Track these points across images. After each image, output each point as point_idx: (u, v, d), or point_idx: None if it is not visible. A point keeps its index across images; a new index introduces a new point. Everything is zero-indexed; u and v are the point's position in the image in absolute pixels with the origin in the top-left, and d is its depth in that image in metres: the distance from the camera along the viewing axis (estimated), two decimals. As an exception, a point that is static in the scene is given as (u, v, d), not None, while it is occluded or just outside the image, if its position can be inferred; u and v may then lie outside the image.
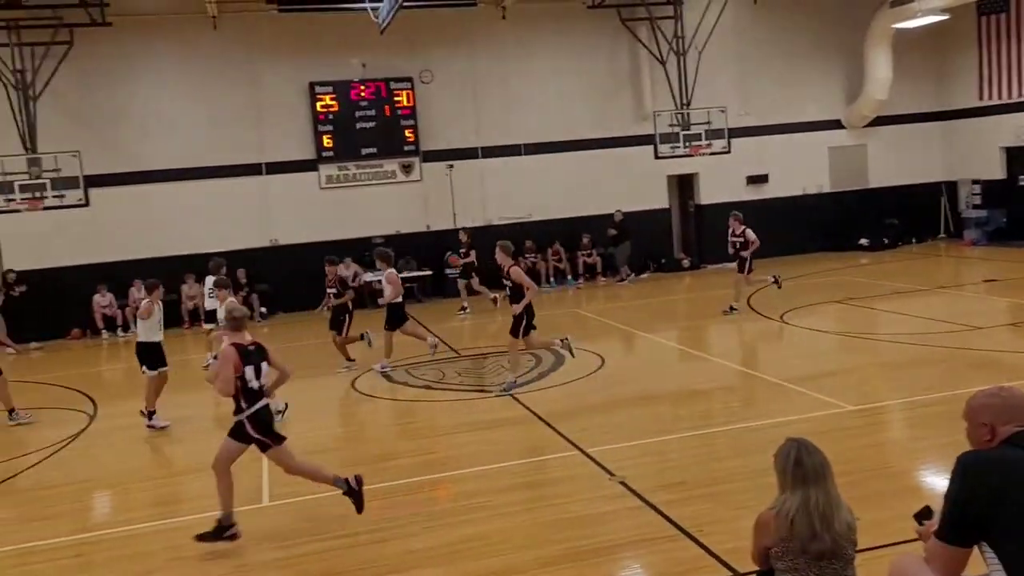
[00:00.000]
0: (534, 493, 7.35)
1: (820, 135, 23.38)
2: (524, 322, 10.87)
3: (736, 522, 6.07)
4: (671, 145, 21.95)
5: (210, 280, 14.27)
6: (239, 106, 19.94)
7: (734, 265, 15.82)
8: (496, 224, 21.59)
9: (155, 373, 10.67)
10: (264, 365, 6.88)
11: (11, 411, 11.35)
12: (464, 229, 19.08)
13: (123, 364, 16.83)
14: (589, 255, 21.93)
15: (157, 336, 10.79)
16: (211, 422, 11.02)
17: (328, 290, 13.72)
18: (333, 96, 20.45)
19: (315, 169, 20.58)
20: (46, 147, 17.25)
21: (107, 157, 18.76)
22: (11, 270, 18.62)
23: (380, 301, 15.31)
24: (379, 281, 15.15)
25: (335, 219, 20.52)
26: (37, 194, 16.84)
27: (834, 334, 13.50)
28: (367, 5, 15.61)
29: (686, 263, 22.80)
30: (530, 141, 21.69)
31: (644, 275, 22.14)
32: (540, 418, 9.58)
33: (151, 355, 10.71)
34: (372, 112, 20.71)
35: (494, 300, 17.02)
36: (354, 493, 6.88)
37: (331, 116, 20.47)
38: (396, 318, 13.04)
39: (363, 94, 20.63)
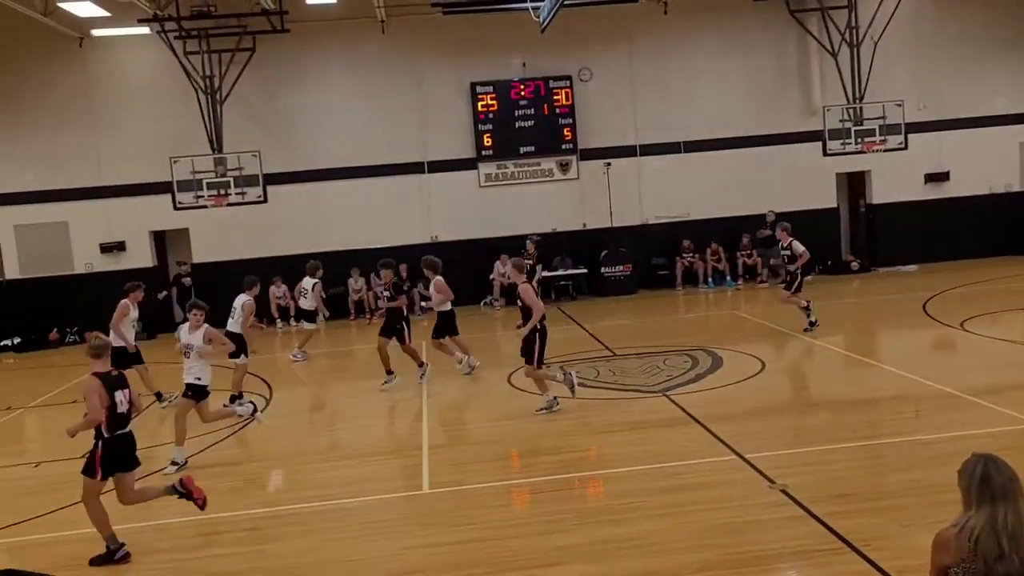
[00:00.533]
0: (689, 496, 7.21)
1: (1010, 130, 21.65)
2: (538, 346, 10.23)
3: (907, 538, 5.73)
4: (841, 141, 20.88)
5: (307, 281, 14.98)
6: (403, 106, 20.66)
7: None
8: (652, 223, 21.35)
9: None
10: (127, 392, 6.94)
11: (159, 395, 12.15)
12: (531, 239, 18.68)
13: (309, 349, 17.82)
14: (749, 255, 21.28)
15: (233, 328, 11.80)
16: (381, 409, 11.51)
17: (384, 293, 13.05)
18: (493, 95, 20.82)
19: (474, 167, 21.02)
20: (230, 147, 18.50)
21: (283, 156, 19.91)
22: (183, 262, 20.13)
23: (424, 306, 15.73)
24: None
25: (492, 217, 20.88)
26: (222, 191, 18.06)
27: (1021, 344, 12.48)
28: (528, 5, 15.78)
29: (855, 265, 21.71)
30: (690, 138, 21.29)
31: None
32: (696, 420, 9.39)
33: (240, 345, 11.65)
34: (531, 111, 20.93)
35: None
36: (184, 494, 7.09)
37: (491, 115, 20.85)
38: (443, 326, 12.85)
39: (523, 93, 20.89)
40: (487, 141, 20.90)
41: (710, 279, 21.06)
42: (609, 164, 21.07)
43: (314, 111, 20.50)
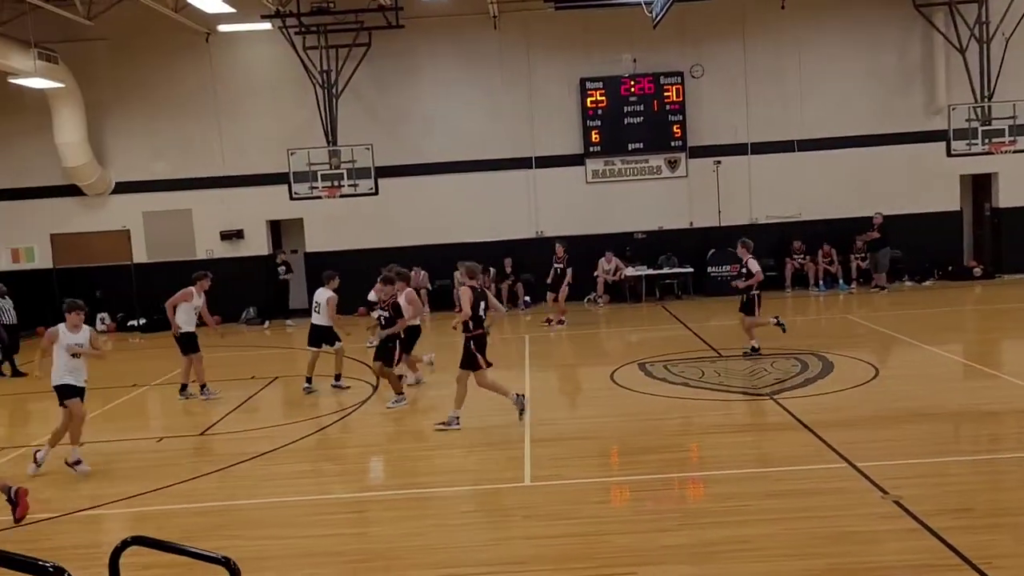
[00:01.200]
0: (797, 503, 7.03)
1: None
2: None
3: (1032, 559, 5.44)
4: (967, 142, 19.93)
5: (321, 293, 14.82)
6: (513, 102, 20.80)
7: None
8: (762, 223, 20.85)
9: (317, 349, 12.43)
10: None
11: (203, 386, 12.31)
12: (559, 243, 18.17)
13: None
14: (863, 258, 20.53)
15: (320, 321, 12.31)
16: (483, 401, 11.64)
17: (380, 313, 11.46)
18: (603, 91, 20.73)
19: (582, 163, 20.99)
20: (344, 140, 19.06)
21: (395, 150, 20.36)
22: (282, 251, 20.80)
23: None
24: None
25: (599, 213, 20.83)
26: (335, 183, 18.66)
27: None
28: (641, 0, 15.64)
29: (978, 271, 20.66)
30: (804, 137, 20.68)
31: (927, 282, 20.41)
32: (805, 426, 9.13)
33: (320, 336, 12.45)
34: (640, 107, 20.75)
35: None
36: (11, 503, 7.08)
37: (600, 111, 20.77)
38: (409, 342, 11.89)
39: (632, 89, 20.72)
40: (595, 137, 20.82)
41: (821, 282, 20.43)
42: (719, 162, 20.70)
43: (425, 105, 20.86)
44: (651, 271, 20.45)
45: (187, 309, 12.11)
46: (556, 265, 17.24)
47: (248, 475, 8.82)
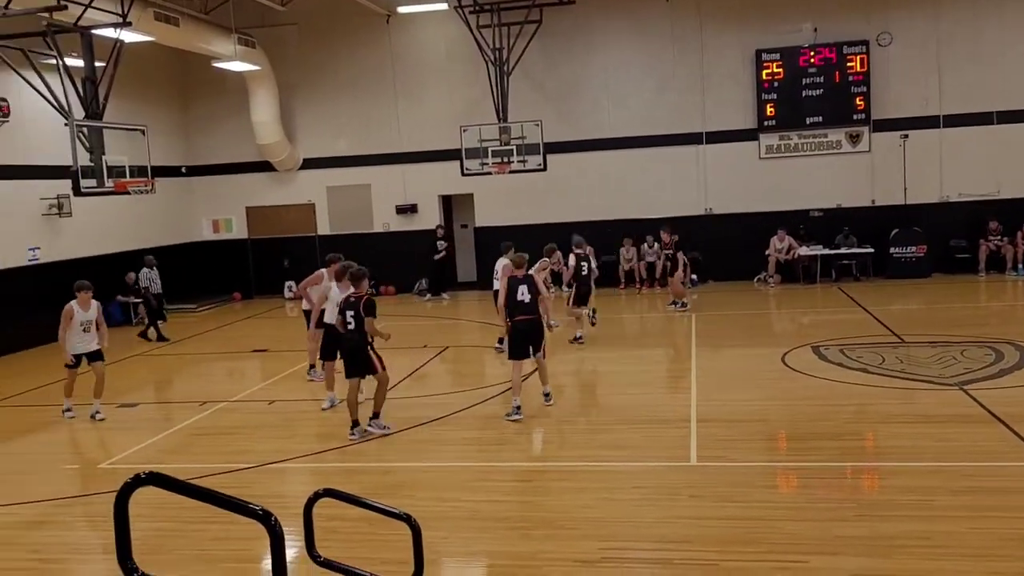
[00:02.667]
0: (988, 500, 6.59)
1: None
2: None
3: None
4: None
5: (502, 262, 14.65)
6: (685, 76, 20.36)
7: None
8: (954, 201, 19.46)
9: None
10: None
11: (311, 367, 12.27)
12: (665, 228, 16.75)
13: (563, 316, 18.40)
14: (1071, 241, 18.76)
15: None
16: (650, 379, 11.61)
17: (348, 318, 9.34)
18: (779, 63, 19.91)
19: (755, 139, 20.29)
20: (515, 117, 19.30)
21: (563, 126, 20.43)
22: (440, 226, 21.30)
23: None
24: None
25: (772, 190, 20.10)
26: (505, 159, 18.92)
27: None
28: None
29: None
30: (1005, 108, 19.06)
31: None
32: (999, 419, 8.52)
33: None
34: (820, 79, 19.78)
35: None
36: None
37: (776, 84, 19.97)
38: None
39: (812, 60, 19.77)
40: (770, 111, 20.06)
41: (1020, 265, 18.84)
42: (906, 136, 19.44)
43: (595, 81, 20.79)
44: (827, 251, 19.55)
45: (318, 291, 11.69)
46: (665, 251, 16.10)
47: (420, 439, 9.23)
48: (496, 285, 13.09)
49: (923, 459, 7.65)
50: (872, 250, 19.47)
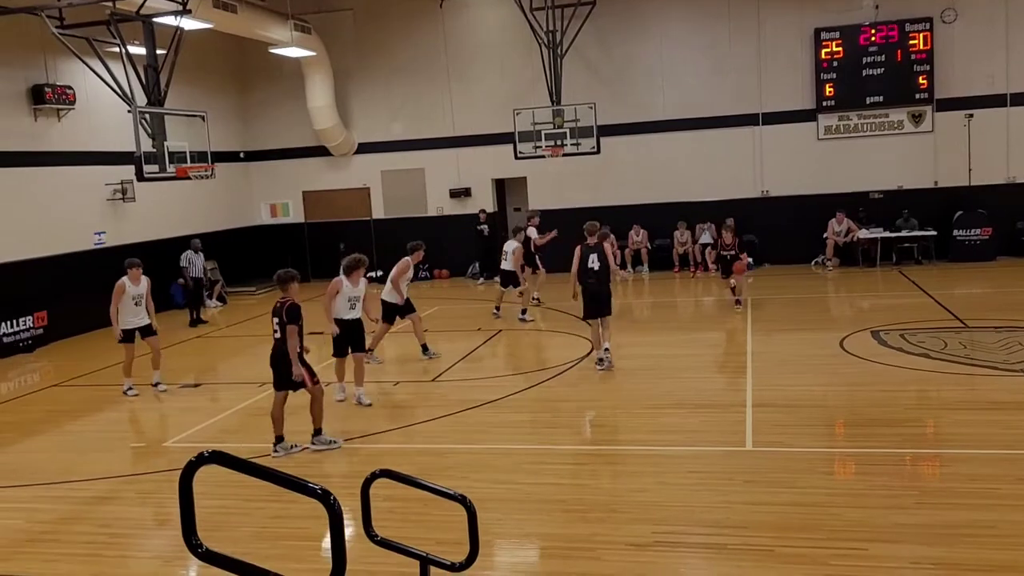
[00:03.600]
0: (1055, 490, 6.42)
1: None
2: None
3: None
4: None
5: (511, 244, 15.14)
6: (740, 56, 20.03)
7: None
8: (1022, 182, 18.86)
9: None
10: None
11: (424, 347, 12.37)
12: (726, 228, 15.97)
13: (616, 299, 18.32)
14: None
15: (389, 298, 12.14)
16: (705, 363, 11.52)
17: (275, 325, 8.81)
18: (839, 42, 19.46)
19: (813, 119, 19.90)
20: (568, 100, 19.20)
21: (617, 108, 20.27)
22: (483, 210, 21.29)
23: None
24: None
25: (830, 172, 19.72)
26: (558, 142, 18.84)
27: None
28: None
29: None
30: (1078, 85, 18.38)
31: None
32: (1067, 407, 8.28)
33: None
34: (881, 57, 19.28)
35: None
36: None
37: (835, 63, 19.52)
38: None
39: (873, 38, 19.28)
40: (829, 91, 19.63)
41: (1092, 250, 18.22)
42: (971, 115, 18.87)
43: (649, 63, 20.56)
44: (887, 233, 19.11)
45: (406, 280, 12.20)
46: (724, 252, 15.08)
47: (474, 421, 9.31)
48: (505, 264, 15.12)
49: (987, 447, 7.47)
50: (935, 233, 18.97)
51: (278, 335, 8.51)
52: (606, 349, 11.07)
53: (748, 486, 6.89)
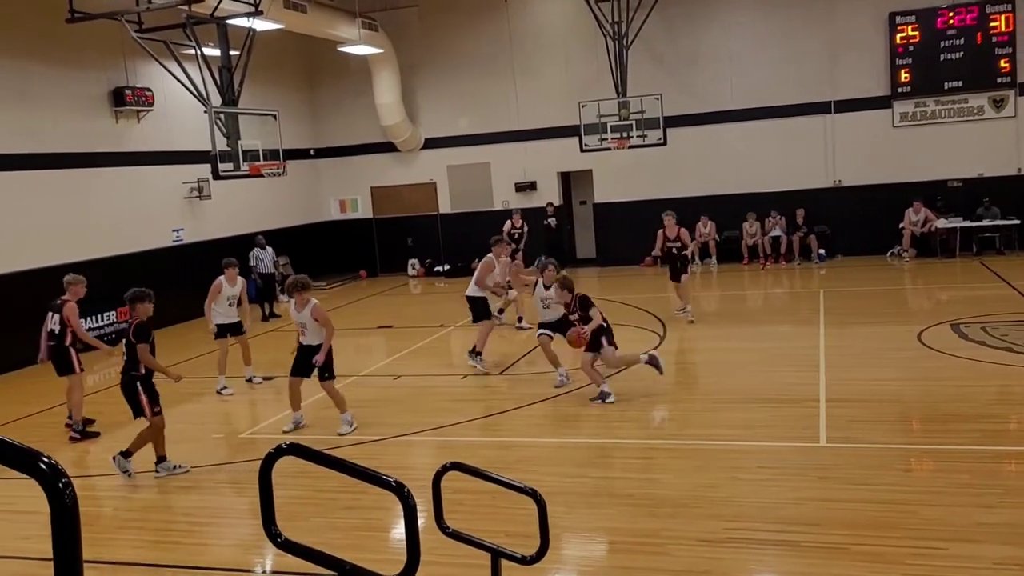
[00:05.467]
0: None
1: None
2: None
3: None
4: None
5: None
6: (812, 43, 19.57)
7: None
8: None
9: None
10: None
11: (473, 352, 11.52)
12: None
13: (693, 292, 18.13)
14: None
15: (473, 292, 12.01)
16: (777, 356, 11.35)
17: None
18: (915, 26, 18.86)
19: (888, 106, 19.34)
20: (634, 91, 19.04)
21: (684, 99, 20.02)
22: (550, 203, 21.20)
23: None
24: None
25: (906, 160, 19.15)
26: (624, 134, 18.70)
27: None
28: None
29: None
30: None
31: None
32: None
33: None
34: (960, 41, 18.64)
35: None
36: None
37: (911, 48, 18.94)
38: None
39: (951, 22, 18.65)
40: (904, 77, 19.06)
41: None
42: (1058, 99, 18.11)
43: (716, 52, 20.26)
44: (967, 223, 18.48)
45: (492, 278, 12.12)
46: (670, 245, 13.89)
47: (541, 415, 9.34)
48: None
49: (1075, 445, 7.20)
50: (1017, 222, 18.28)
51: (125, 356, 7.94)
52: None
53: (822, 482, 6.76)
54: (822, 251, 19.45)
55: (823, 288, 15.58)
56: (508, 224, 18.58)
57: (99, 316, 15.44)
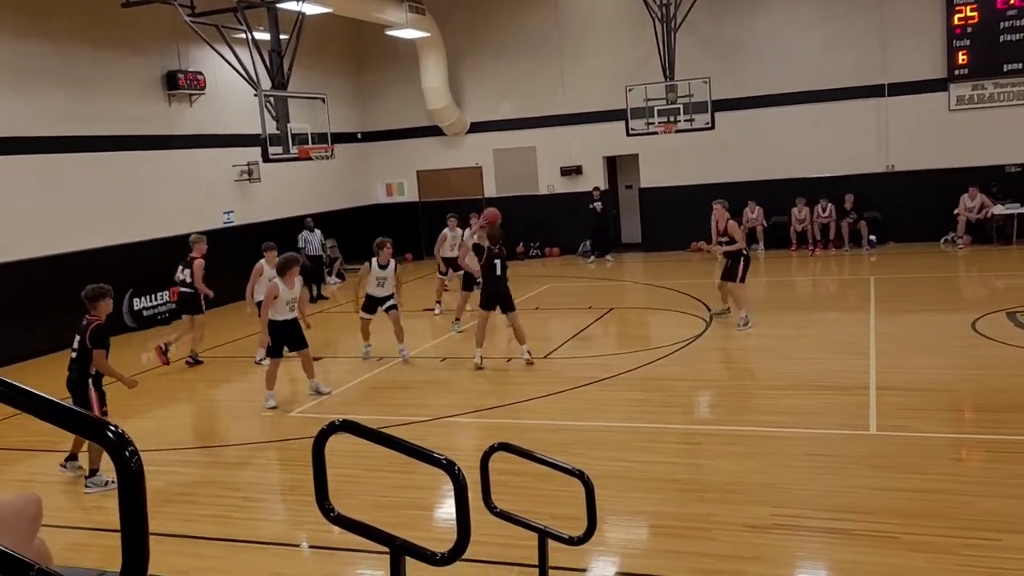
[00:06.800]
0: None
1: None
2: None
3: None
4: None
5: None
6: (863, 24, 19.14)
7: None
8: None
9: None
10: None
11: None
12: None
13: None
14: None
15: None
16: (827, 343, 11.21)
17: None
18: (973, 6, 18.34)
19: (944, 89, 18.86)
20: (681, 75, 18.83)
21: (731, 82, 19.72)
22: (597, 188, 21.05)
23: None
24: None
25: (962, 144, 18.66)
26: (672, 118, 18.51)
27: None
28: None
29: None
30: None
31: None
32: None
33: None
34: (1021, 21, 18.08)
35: None
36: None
37: (969, 29, 18.42)
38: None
39: (1011, 1, 18.09)
40: (962, 59, 18.56)
41: None
42: (1124, 81, 17.50)
43: (766, 35, 19.92)
44: (1026, 210, 18.01)
45: None
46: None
47: (586, 399, 9.33)
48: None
49: None
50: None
51: (75, 355, 7.46)
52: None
53: (872, 471, 6.67)
54: (873, 237, 19.09)
55: (873, 275, 15.31)
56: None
57: (153, 296, 15.77)
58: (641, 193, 21.56)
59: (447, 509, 6.59)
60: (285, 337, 9.84)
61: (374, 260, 11.44)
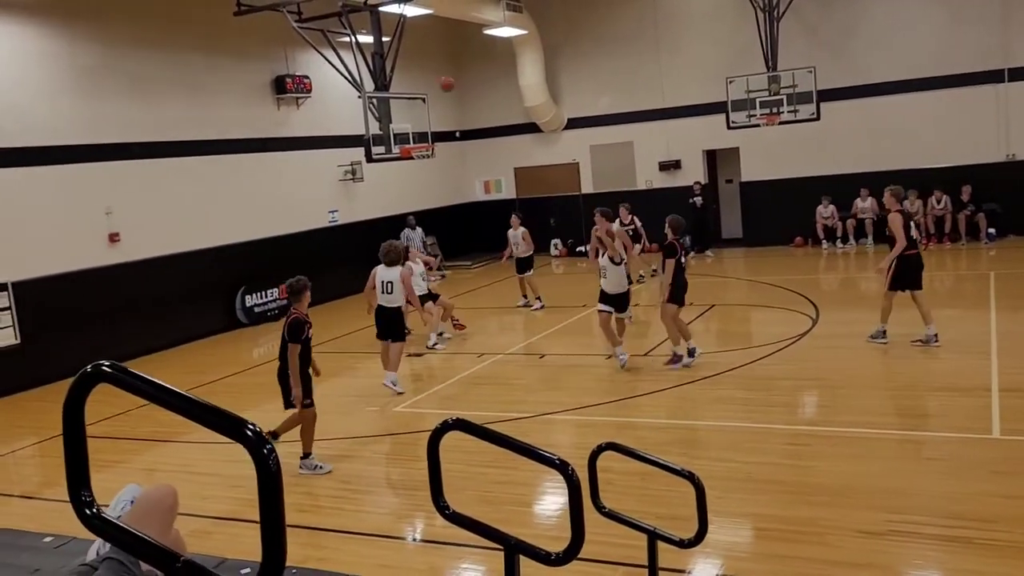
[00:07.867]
0: None
1: None
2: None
3: None
4: None
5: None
6: (980, 7, 18.20)
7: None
8: None
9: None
10: None
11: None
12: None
13: (840, 274, 17.39)
14: None
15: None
16: (943, 341, 10.75)
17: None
18: (1107, -18, 17.23)
19: (1073, 72, 17.80)
20: (785, 65, 18.31)
21: (838, 71, 19.05)
22: (697, 182, 20.62)
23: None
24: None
25: (1092, 131, 17.59)
26: (774, 109, 18.03)
27: None
28: None
29: None
30: None
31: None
32: None
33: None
34: None
35: None
36: None
37: (1101, 7, 17.31)
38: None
39: None
40: (1091, 40, 17.46)
41: None
42: None
43: (874, 21, 19.17)
44: None
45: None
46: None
47: (690, 398, 9.21)
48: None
49: None
50: None
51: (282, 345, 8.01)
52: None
53: (996, 477, 6.37)
54: (992, 230, 18.17)
55: (993, 270, 14.57)
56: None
57: (263, 293, 16.35)
58: (742, 187, 21.11)
59: (551, 507, 6.62)
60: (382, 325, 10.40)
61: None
